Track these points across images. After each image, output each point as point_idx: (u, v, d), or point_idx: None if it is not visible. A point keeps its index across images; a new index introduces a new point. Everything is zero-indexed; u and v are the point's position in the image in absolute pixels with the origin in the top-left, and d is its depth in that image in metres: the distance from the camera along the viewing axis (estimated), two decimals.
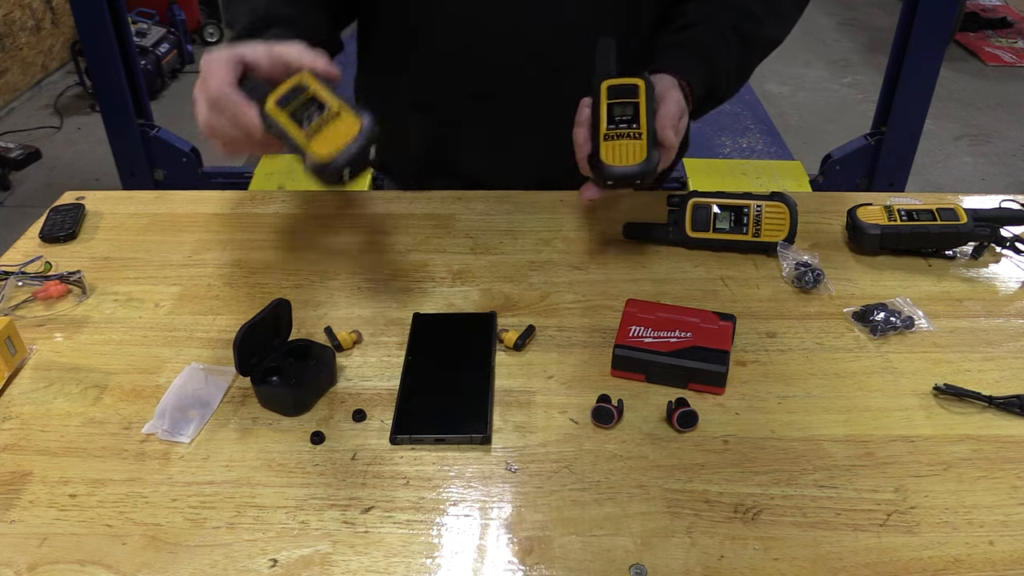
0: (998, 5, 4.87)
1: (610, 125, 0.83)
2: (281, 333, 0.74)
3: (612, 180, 0.82)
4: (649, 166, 0.81)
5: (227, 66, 0.73)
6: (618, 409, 0.68)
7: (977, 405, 0.70)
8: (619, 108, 0.83)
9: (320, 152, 0.70)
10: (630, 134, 0.82)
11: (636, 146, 0.81)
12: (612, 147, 0.82)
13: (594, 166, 0.83)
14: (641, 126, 0.82)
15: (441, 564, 0.58)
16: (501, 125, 1.02)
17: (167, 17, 4.02)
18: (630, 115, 0.83)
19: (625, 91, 0.84)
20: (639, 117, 0.83)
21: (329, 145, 0.70)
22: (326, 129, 0.71)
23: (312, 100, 0.73)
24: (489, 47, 0.97)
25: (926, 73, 2.17)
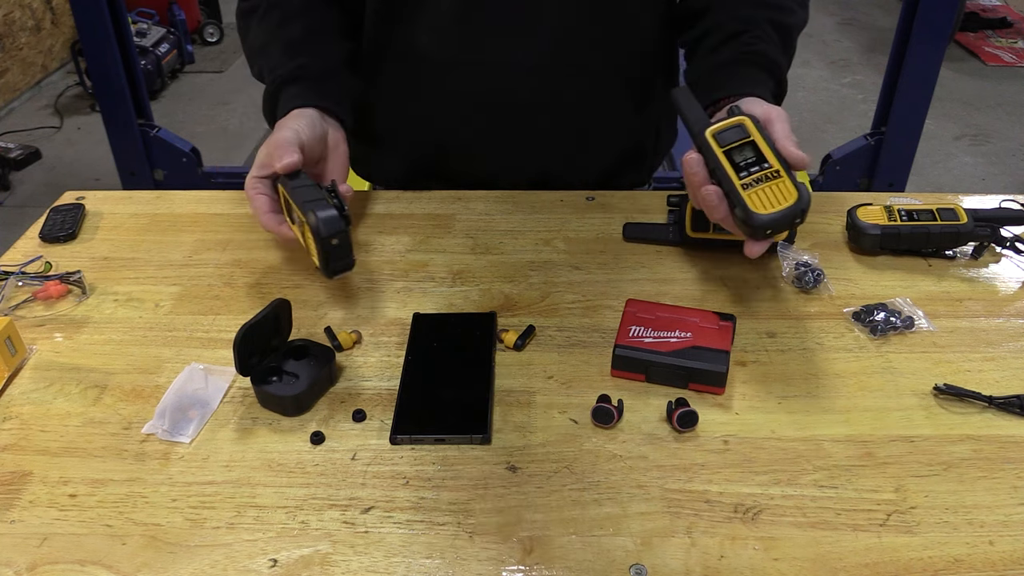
0: (998, 5, 4.87)
1: (740, 174, 0.75)
2: (281, 333, 0.74)
3: (772, 229, 0.73)
4: (803, 202, 0.72)
5: (259, 196, 0.84)
6: (618, 409, 0.68)
7: (977, 405, 0.70)
8: (738, 153, 0.76)
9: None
10: (767, 175, 0.74)
11: (780, 186, 0.74)
12: (756, 196, 0.74)
13: (744, 222, 0.73)
14: (772, 163, 0.75)
15: (441, 564, 0.58)
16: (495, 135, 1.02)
17: (167, 17, 4.03)
18: (752, 156, 0.76)
19: (733, 133, 0.77)
20: (764, 155, 0.75)
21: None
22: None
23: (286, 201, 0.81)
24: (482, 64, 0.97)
25: (926, 73, 2.17)
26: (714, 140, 0.77)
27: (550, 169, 1.05)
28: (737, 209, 0.73)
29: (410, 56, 0.99)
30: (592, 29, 0.97)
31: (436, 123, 1.04)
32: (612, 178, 1.09)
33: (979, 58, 4.27)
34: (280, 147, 0.83)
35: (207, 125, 3.43)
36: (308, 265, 0.89)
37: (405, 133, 1.07)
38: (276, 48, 0.94)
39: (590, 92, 1.01)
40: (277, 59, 0.93)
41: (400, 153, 1.09)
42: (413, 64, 1.00)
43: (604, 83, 1.01)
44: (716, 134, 0.77)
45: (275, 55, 0.93)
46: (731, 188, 0.74)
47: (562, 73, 0.98)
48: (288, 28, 0.95)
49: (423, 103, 1.02)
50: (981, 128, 3.59)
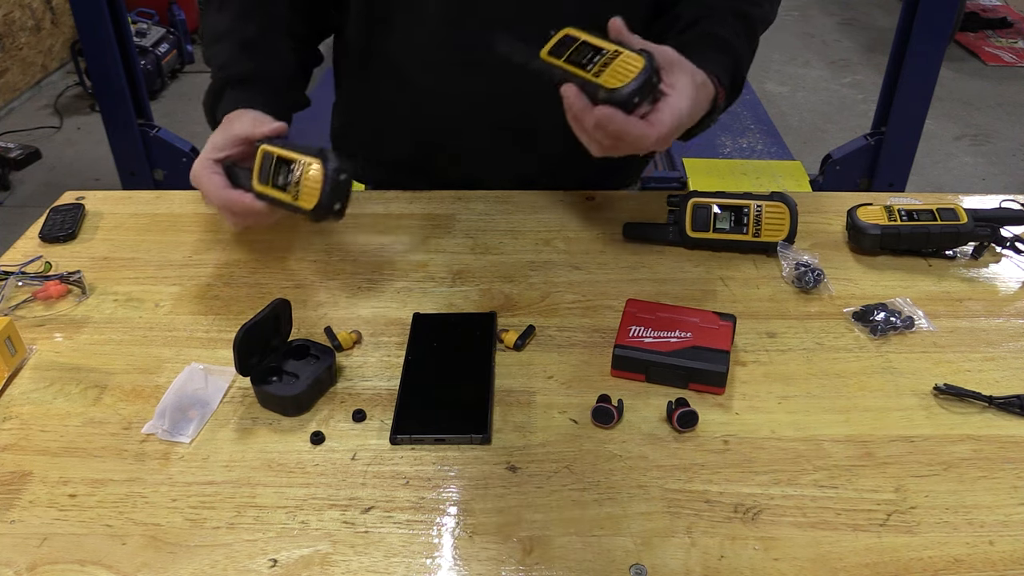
0: (998, 5, 4.87)
1: (587, 67, 0.77)
2: (281, 333, 0.74)
3: (636, 95, 0.75)
4: (650, 60, 0.75)
5: (213, 174, 0.83)
6: (618, 409, 0.68)
7: (977, 405, 0.70)
8: (577, 55, 0.78)
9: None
10: (608, 58, 0.76)
11: (625, 60, 0.76)
12: (608, 76, 0.75)
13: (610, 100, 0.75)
14: (608, 47, 0.77)
15: (441, 564, 0.58)
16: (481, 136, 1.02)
17: (167, 17, 4.02)
18: (590, 52, 0.78)
19: (564, 44, 0.79)
20: (599, 47, 0.78)
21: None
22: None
23: (280, 160, 0.80)
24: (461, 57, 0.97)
25: (926, 73, 2.17)
26: (551, 56, 0.80)
27: (537, 169, 1.05)
28: (600, 93, 0.75)
29: (395, 58, 0.99)
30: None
31: (422, 124, 1.04)
32: (600, 178, 1.09)
33: (979, 58, 4.27)
34: (257, 121, 0.85)
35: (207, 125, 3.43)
36: (308, 265, 0.89)
37: (391, 134, 1.06)
38: (230, 43, 0.94)
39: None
40: (229, 56, 0.94)
41: (387, 153, 1.09)
42: (398, 66, 1.00)
43: None
44: (550, 52, 0.80)
45: (229, 51, 0.94)
46: (583, 81, 0.76)
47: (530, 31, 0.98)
48: (243, 25, 0.95)
49: (409, 104, 1.02)
50: (981, 128, 3.59)
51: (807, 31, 4.68)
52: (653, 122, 0.77)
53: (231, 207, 0.82)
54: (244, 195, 0.81)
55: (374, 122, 1.07)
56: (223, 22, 0.96)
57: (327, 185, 0.76)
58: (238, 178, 0.83)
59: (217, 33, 0.96)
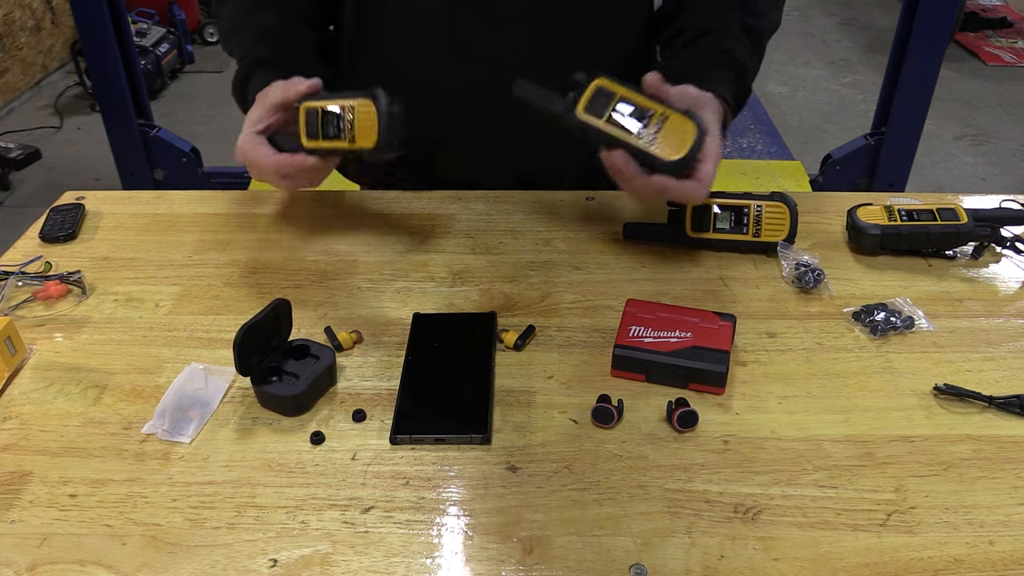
0: (998, 5, 4.87)
1: (637, 132, 0.77)
2: (281, 333, 0.74)
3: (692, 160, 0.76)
4: (701, 123, 0.76)
5: (259, 145, 0.85)
6: (618, 409, 0.68)
7: (977, 405, 0.70)
8: (618, 115, 0.77)
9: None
10: (658, 121, 0.76)
11: (675, 123, 0.75)
12: (662, 145, 0.75)
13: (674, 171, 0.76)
14: (653, 107, 0.77)
15: (441, 564, 0.58)
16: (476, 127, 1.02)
17: (167, 17, 4.02)
18: (632, 109, 0.77)
19: (601, 99, 0.78)
20: (641, 104, 0.77)
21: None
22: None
23: (325, 112, 0.81)
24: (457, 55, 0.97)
25: (926, 73, 2.17)
26: (591, 115, 0.78)
27: (532, 169, 1.05)
28: (659, 164, 0.76)
29: (390, 50, 0.99)
30: (577, 30, 0.97)
31: (419, 119, 1.03)
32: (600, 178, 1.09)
33: (979, 58, 4.27)
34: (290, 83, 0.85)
35: (207, 125, 3.43)
36: (308, 265, 0.89)
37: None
38: (247, 35, 0.95)
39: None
40: (250, 45, 0.94)
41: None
42: (393, 59, 1.00)
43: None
44: (587, 109, 0.78)
45: (247, 42, 0.95)
46: (637, 150, 0.76)
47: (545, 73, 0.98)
48: (261, 16, 0.95)
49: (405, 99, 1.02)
50: (981, 128, 3.59)
51: (807, 31, 4.68)
52: (701, 178, 0.79)
53: (284, 170, 0.83)
54: (296, 156, 0.83)
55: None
56: (240, 14, 0.96)
57: (382, 120, 0.78)
58: (282, 145, 0.84)
59: (235, 25, 0.97)
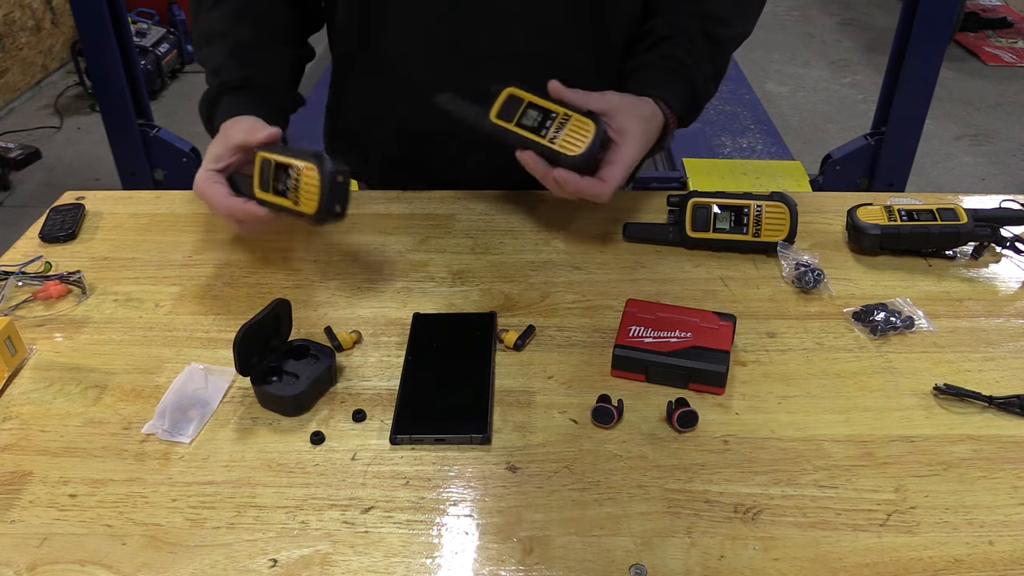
0: (998, 5, 4.87)
1: (541, 132, 0.84)
2: (281, 333, 0.74)
3: (589, 158, 0.83)
4: (599, 122, 0.83)
5: (215, 184, 0.84)
6: (618, 409, 0.68)
7: (977, 405, 0.70)
8: (527, 119, 0.85)
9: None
10: (560, 122, 0.83)
11: (576, 124, 0.83)
12: (565, 142, 0.82)
13: (573, 166, 0.83)
14: (556, 109, 0.84)
15: (441, 564, 0.58)
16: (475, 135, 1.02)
17: (167, 17, 4.03)
18: (538, 114, 0.85)
19: (511, 106, 0.85)
20: (546, 108, 0.84)
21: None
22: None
23: (278, 165, 0.81)
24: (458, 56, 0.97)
25: (926, 73, 2.17)
26: (501, 120, 0.85)
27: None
28: (561, 159, 0.82)
29: (391, 54, 0.99)
30: (577, 30, 0.97)
31: (419, 121, 1.04)
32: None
33: (979, 58, 4.27)
34: (252, 128, 0.85)
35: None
36: (308, 265, 0.89)
37: (387, 131, 1.06)
38: (223, 48, 0.95)
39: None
40: (223, 62, 0.94)
41: (384, 151, 1.09)
42: (394, 62, 1.00)
43: (587, 84, 1.01)
44: (499, 115, 0.84)
45: (221, 56, 0.94)
46: (542, 148, 0.83)
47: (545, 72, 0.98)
48: (237, 29, 0.95)
49: (405, 101, 1.02)
50: (981, 128, 3.59)
51: (807, 31, 4.68)
52: (606, 178, 0.84)
53: (236, 216, 0.83)
54: (248, 203, 0.82)
55: (370, 120, 1.07)
56: (216, 22, 0.96)
57: (325, 188, 0.77)
58: (240, 186, 0.85)
59: (210, 33, 0.96)
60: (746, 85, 3.08)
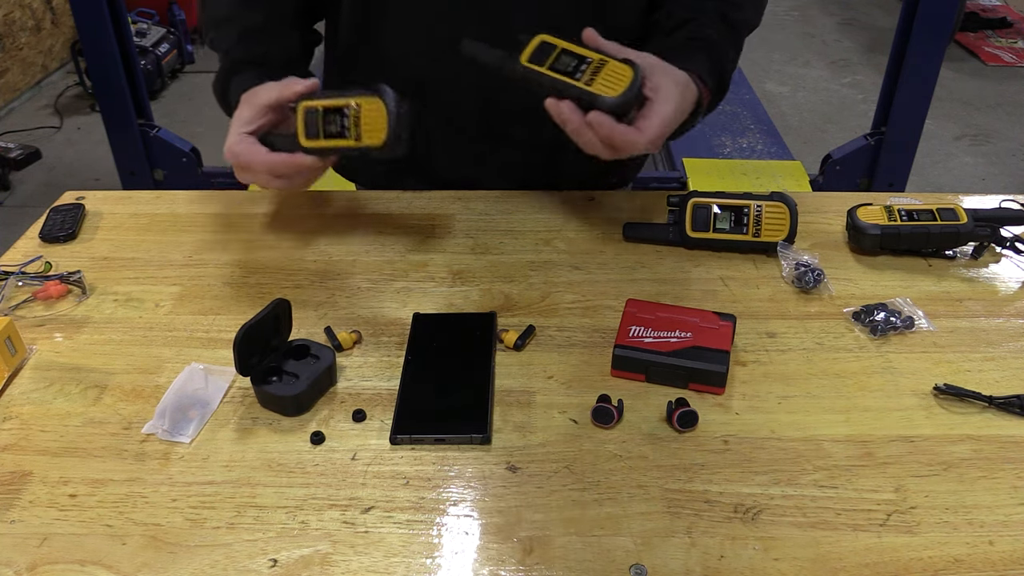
0: (998, 5, 4.87)
1: (576, 76, 0.79)
2: (281, 333, 0.74)
3: (628, 102, 0.78)
4: (637, 69, 0.79)
5: (252, 145, 0.84)
6: (618, 409, 0.68)
7: (977, 405, 0.70)
8: (560, 63, 0.80)
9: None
10: (596, 67, 0.79)
11: (613, 68, 0.79)
12: (601, 86, 0.78)
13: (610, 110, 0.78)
14: (591, 55, 0.80)
15: (441, 564, 0.58)
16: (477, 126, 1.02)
17: (167, 17, 4.02)
18: (573, 60, 0.81)
19: (543, 51, 0.81)
20: (581, 54, 0.80)
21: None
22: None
23: (328, 110, 0.80)
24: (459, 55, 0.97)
25: (926, 73, 2.17)
26: (533, 64, 0.81)
27: (533, 169, 1.05)
28: (598, 102, 0.78)
29: (391, 48, 0.99)
30: (578, 28, 0.97)
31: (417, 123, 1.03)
32: (600, 178, 1.09)
33: (979, 58, 4.27)
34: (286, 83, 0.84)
35: (207, 125, 3.42)
36: (308, 265, 0.89)
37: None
38: (234, 32, 0.95)
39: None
40: (234, 44, 0.95)
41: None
42: (394, 56, 1.00)
43: None
44: (530, 59, 0.80)
45: (232, 38, 0.95)
46: (579, 92, 0.78)
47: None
48: (247, 13, 0.96)
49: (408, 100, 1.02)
50: (981, 128, 3.59)
51: (807, 31, 4.68)
52: (642, 128, 0.80)
53: (279, 170, 0.83)
54: (293, 155, 0.82)
55: None
56: (225, 7, 0.97)
57: (392, 116, 0.77)
58: (276, 145, 0.84)
59: (220, 17, 0.97)
60: (746, 85, 3.08)
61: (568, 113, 0.80)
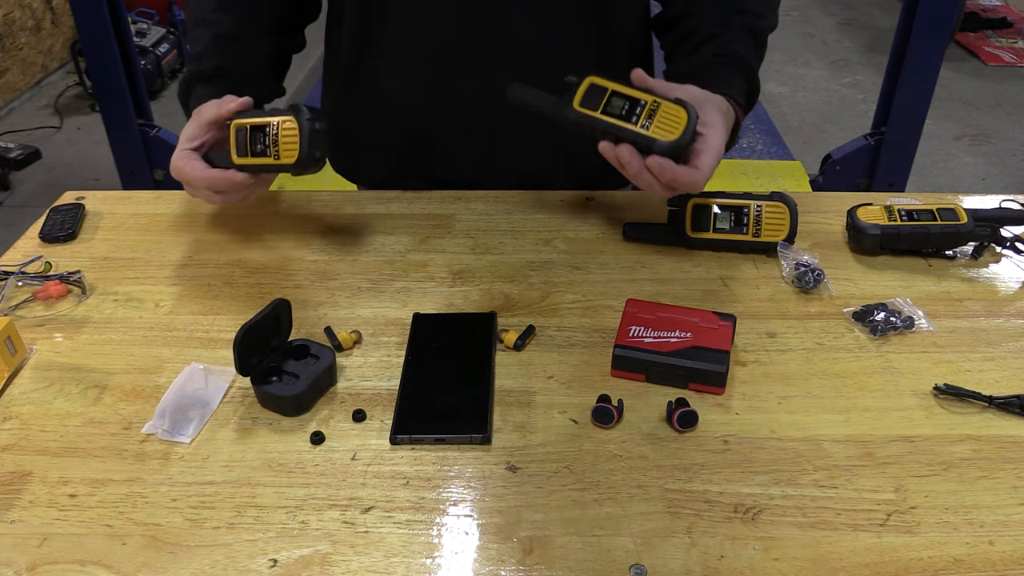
0: (998, 5, 4.87)
1: (633, 120, 0.80)
2: (281, 333, 0.74)
3: (684, 144, 0.79)
4: (691, 109, 0.78)
5: (192, 161, 0.86)
6: (618, 409, 0.68)
7: (977, 405, 0.70)
8: (613, 107, 0.80)
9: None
10: (651, 109, 0.79)
11: (667, 110, 0.78)
12: (658, 129, 0.78)
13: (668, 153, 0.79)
14: (644, 97, 0.80)
15: (441, 564, 0.58)
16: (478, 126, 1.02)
17: (167, 17, 4.02)
18: (625, 103, 0.81)
19: (595, 94, 0.81)
20: (633, 97, 0.80)
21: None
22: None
23: (253, 128, 0.83)
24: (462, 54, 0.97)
25: (926, 73, 2.17)
26: (586, 109, 0.82)
27: (534, 170, 1.05)
28: (656, 146, 0.78)
29: (393, 52, 0.99)
30: (579, 31, 0.97)
31: (415, 122, 1.03)
32: (600, 178, 1.09)
33: (979, 58, 4.27)
34: (223, 100, 0.87)
35: None
36: (308, 265, 0.89)
37: (383, 132, 1.06)
38: (204, 33, 0.97)
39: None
40: (203, 49, 0.96)
41: (380, 152, 1.09)
42: (396, 60, 1.00)
43: None
44: (582, 103, 0.80)
45: (203, 43, 0.97)
46: (636, 136, 0.78)
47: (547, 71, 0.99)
48: (221, 17, 0.97)
49: (407, 100, 1.02)
50: (981, 128, 3.58)
51: (807, 31, 4.68)
52: (699, 166, 0.81)
53: (215, 186, 0.85)
54: (227, 172, 0.84)
55: (370, 119, 1.07)
56: (204, 8, 0.98)
57: (304, 135, 0.79)
58: (216, 160, 0.86)
59: (197, 18, 0.98)
60: None
61: (628, 157, 0.81)
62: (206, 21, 0.97)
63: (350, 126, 1.10)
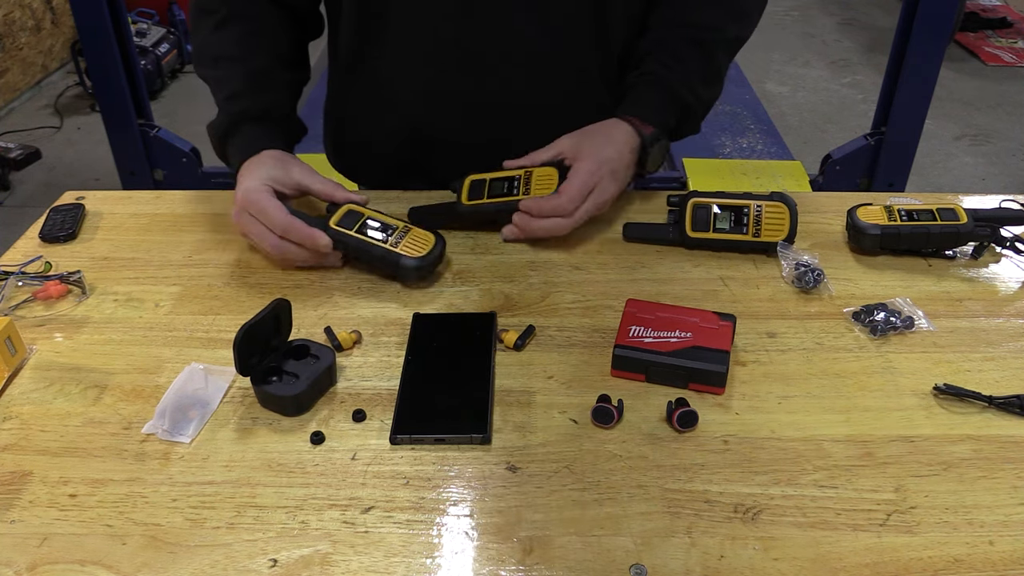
0: (998, 5, 4.87)
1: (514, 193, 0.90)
2: (281, 333, 0.74)
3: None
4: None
5: (275, 199, 0.85)
6: (618, 409, 0.68)
7: (977, 405, 0.70)
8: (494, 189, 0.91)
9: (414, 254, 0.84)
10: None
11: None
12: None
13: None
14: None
15: (441, 564, 0.58)
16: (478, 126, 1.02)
17: (167, 17, 4.02)
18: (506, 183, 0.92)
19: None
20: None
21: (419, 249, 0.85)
22: (409, 239, 0.86)
23: (371, 219, 0.87)
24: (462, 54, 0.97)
25: (926, 73, 2.17)
26: (474, 200, 0.91)
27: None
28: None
29: (393, 55, 0.99)
30: (579, 31, 0.97)
31: (416, 123, 1.04)
32: None
33: (979, 58, 4.27)
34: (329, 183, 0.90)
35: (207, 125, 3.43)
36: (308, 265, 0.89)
37: (384, 133, 1.06)
38: (235, 72, 0.95)
39: (575, 93, 1.01)
40: (240, 89, 0.94)
41: (381, 152, 1.09)
42: (395, 63, 1.00)
43: (589, 85, 1.02)
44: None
45: (234, 80, 0.94)
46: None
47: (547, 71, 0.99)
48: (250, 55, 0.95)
49: (406, 101, 1.02)
50: (981, 128, 3.58)
51: (807, 31, 4.68)
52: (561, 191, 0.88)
53: (294, 234, 0.83)
54: (313, 228, 0.83)
55: (371, 120, 1.07)
56: (225, 44, 0.96)
57: (438, 247, 0.85)
58: (296, 214, 0.85)
59: (219, 55, 0.96)
60: (746, 85, 3.08)
61: (522, 224, 0.89)
62: (231, 59, 0.95)
63: (351, 126, 1.10)
